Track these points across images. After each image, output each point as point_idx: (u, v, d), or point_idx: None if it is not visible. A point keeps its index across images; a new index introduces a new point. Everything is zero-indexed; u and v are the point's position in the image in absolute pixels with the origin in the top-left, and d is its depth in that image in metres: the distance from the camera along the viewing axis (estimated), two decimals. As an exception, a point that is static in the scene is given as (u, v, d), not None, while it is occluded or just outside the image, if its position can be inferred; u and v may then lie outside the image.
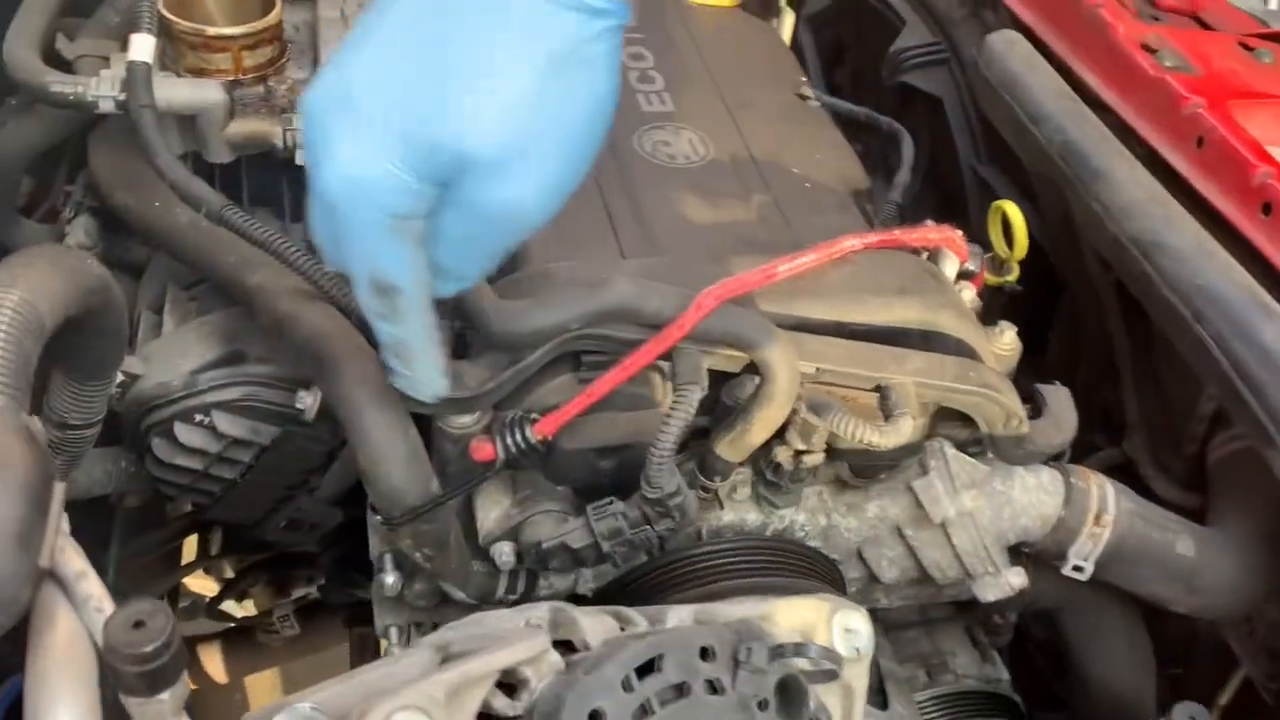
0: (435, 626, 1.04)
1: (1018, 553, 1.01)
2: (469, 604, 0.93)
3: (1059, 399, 0.98)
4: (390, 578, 0.94)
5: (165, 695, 0.61)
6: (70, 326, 0.79)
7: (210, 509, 1.09)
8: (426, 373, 0.73)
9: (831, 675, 0.68)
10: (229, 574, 1.79)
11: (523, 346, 0.81)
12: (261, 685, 2.32)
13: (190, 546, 1.65)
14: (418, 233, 0.65)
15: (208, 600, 1.75)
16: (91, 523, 1.33)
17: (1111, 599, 1.10)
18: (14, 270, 0.73)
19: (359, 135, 0.61)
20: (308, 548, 1.63)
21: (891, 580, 1.02)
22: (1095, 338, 1.30)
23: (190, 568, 1.66)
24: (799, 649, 0.66)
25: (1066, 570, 0.99)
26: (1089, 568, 0.98)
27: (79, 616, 0.67)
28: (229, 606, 1.85)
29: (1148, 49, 1.19)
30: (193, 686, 1.78)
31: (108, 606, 0.67)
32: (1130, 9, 1.27)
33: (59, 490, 0.64)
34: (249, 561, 1.74)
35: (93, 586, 0.68)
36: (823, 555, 0.98)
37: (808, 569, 0.95)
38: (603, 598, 0.95)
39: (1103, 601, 1.10)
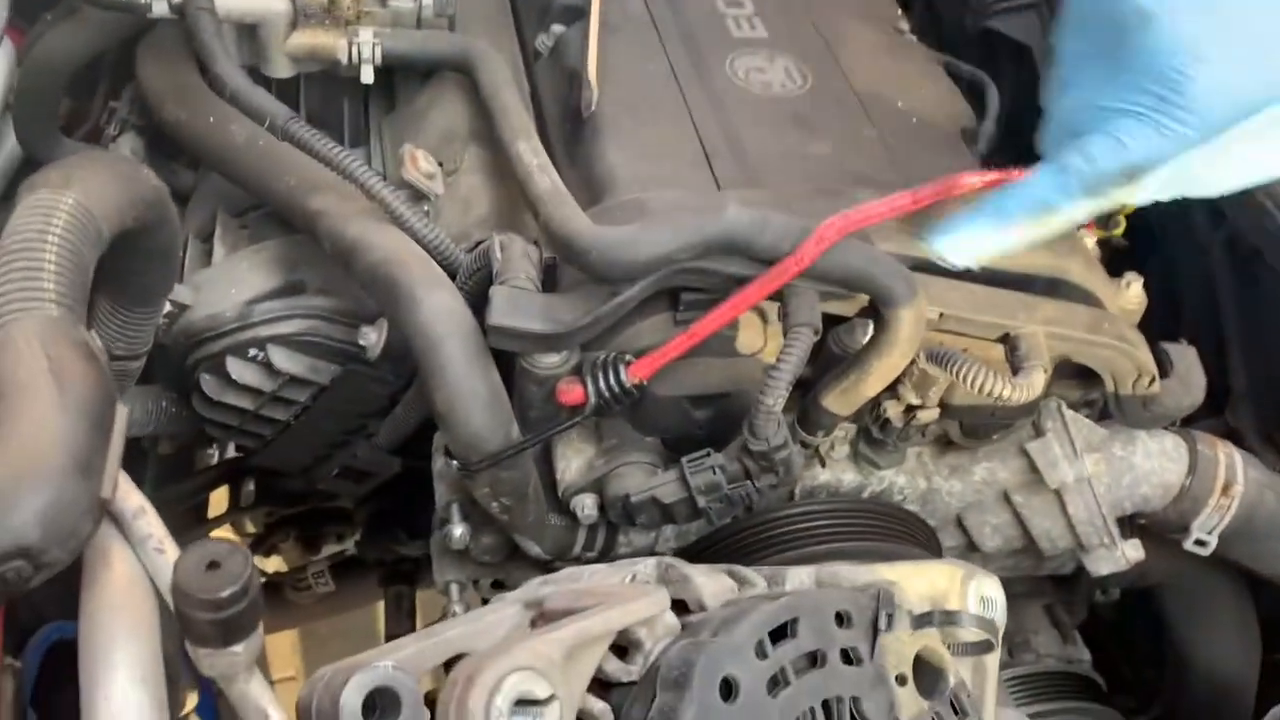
0: (497, 584, 0.98)
1: (1130, 524, 0.94)
2: (544, 560, 0.86)
3: (1187, 359, 0.90)
4: (459, 529, 0.87)
5: (239, 648, 0.54)
6: (123, 242, 0.71)
7: (259, 454, 1.02)
8: None
9: (987, 647, 0.61)
10: (251, 529, 1.73)
11: (623, 279, 0.73)
12: (281, 644, 2.26)
13: (219, 499, 1.59)
14: None
15: (240, 554, 1.69)
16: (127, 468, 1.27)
17: (1223, 578, 1.03)
18: (70, 172, 0.65)
19: None
20: (344, 503, 1.57)
21: (992, 550, 0.94)
22: (1197, 301, 1.22)
23: (220, 520, 1.60)
24: (950, 617, 0.58)
25: (1188, 544, 0.91)
26: (1213, 541, 0.90)
27: (137, 556, 0.60)
28: (256, 561, 1.78)
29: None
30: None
31: (169, 547, 0.60)
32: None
33: (122, 413, 0.56)
34: (279, 516, 1.68)
35: (153, 525, 0.61)
36: (921, 520, 0.91)
37: (906, 534, 0.88)
38: (685, 559, 0.88)
39: (1213, 580, 1.03)
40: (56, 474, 0.51)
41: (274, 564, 1.85)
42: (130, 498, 0.61)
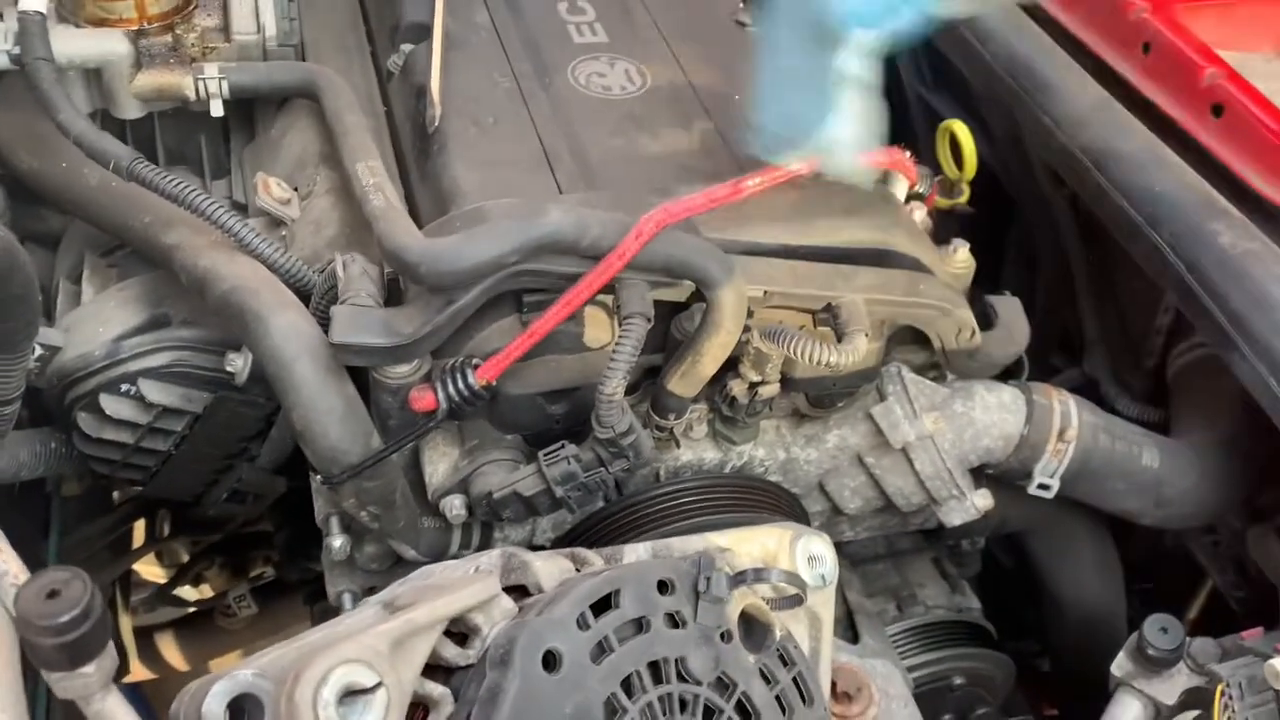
0: (390, 591, 1.01)
1: (981, 475, 0.99)
2: (422, 562, 0.90)
3: (1010, 309, 0.96)
4: (338, 541, 0.90)
5: (90, 668, 0.57)
6: (-27, 293, 0.74)
7: (148, 485, 1.04)
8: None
9: (796, 601, 0.65)
10: (184, 558, 1.74)
11: (456, 286, 0.77)
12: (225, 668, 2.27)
13: (140, 533, 1.60)
14: None
15: (160, 586, 1.70)
16: (29, 510, 1.28)
17: (1078, 517, 1.09)
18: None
19: None
20: (263, 526, 1.59)
21: (855, 511, 0.99)
22: (1050, 258, 1.28)
23: (138, 553, 1.61)
24: (759, 575, 0.63)
25: (1032, 489, 0.97)
26: (1055, 484, 0.96)
27: (-7, 593, 0.63)
28: (185, 592, 1.80)
29: (1089, -42, 1.16)
30: (153, 675, 1.72)
31: (25, 578, 0.63)
32: (1070, -82, 1.24)
33: (-42, 458, 0.59)
34: (203, 544, 1.69)
35: (8, 561, 0.64)
36: (784, 489, 0.96)
37: (770, 504, 0.93)
38: (561, 547, 0.91)
39: (1070, 521, 1.09)
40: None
41: (204, 591, 1.87)
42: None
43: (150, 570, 1.83)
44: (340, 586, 0.97)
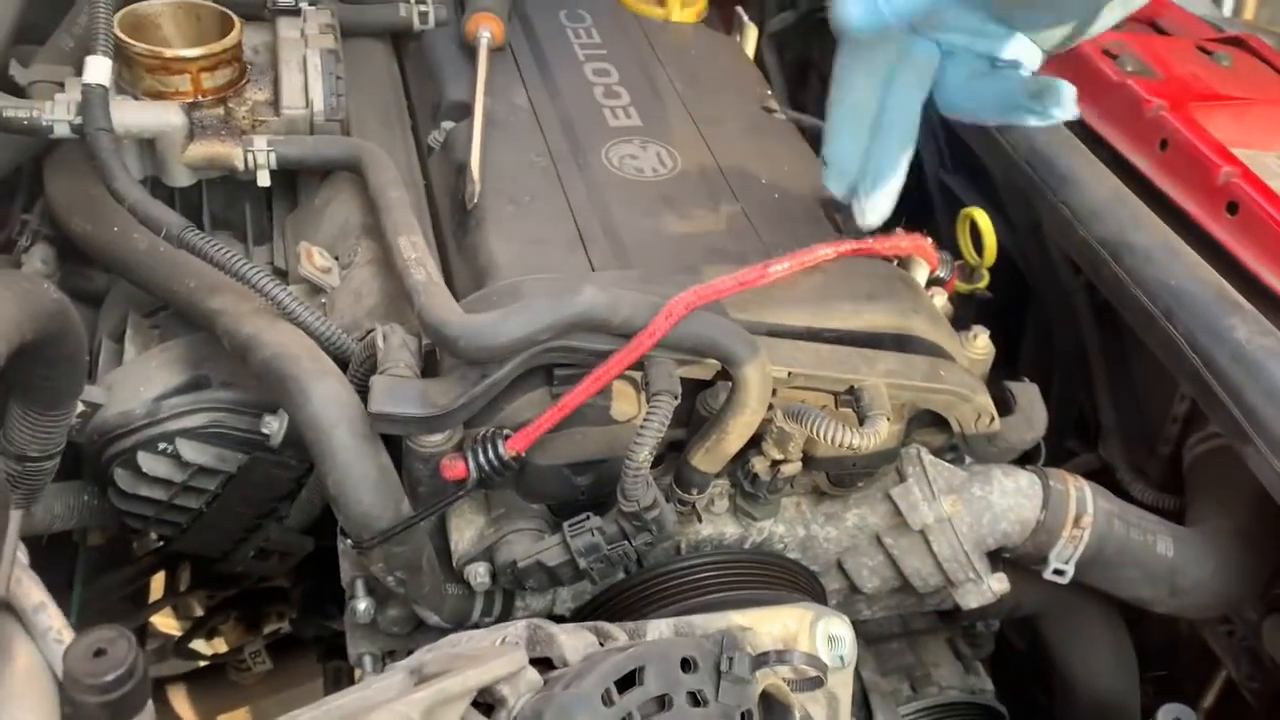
0: (411, 654, 1.02)
1: (998, 559, 1.00)
2: (445, 628, 0.91)
3: (1028, 395, 0.98)
4: (363, 604, 0.92)
5: (129, 727, 0.58)
6: (26, 353, 0.77)
7: (177, 541, 1.06)
8: None
9: (817, 683, 0.66)
10: (198, 613, 1.76)
11: (491, 360, 0.79)
12: (233, 726, 2.27)
13: (158, 584, 1.62)
14: None
15: (176, 639, 1.71)
16: (55, 561, 1.30)
17: (1093, 603, 1.10)
18: (-35, 294, 0.70)
19: None
20: (278, 581, 1.60)
21: (873, 590, 1.00)
22: (1067, 344, 1.31)
23: (157, 606, 1.62)
24: (781, 657, 0.65)
25: (1048, 574, 0.98)
26: (1070, 570, 0.97)
27: (38, 648, 0.65)
28: (198, 645, 1.81)
29: (1109, 55, 1.20)
30: (164, 728, 1.69)
31: (68, 637, 0.65)
32: (1089, 17, 1.28)
33: (15, 518, 0.61)
34: (219, 598, 1.71)
35: (53, 618, 0.65)
36: (803, 567, 0.97)
37: (788, 581, 0.94)
38: (581, 618, 0.93)
39: (1084, 606, 1.10)
40: (-49, 578, 0.56)
41: (217, 645, 1.88)
42: (32, 594, 0.66)
43: (165, 622, 1.84)
44: (361, 649, 0.99)
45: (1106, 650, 1.12)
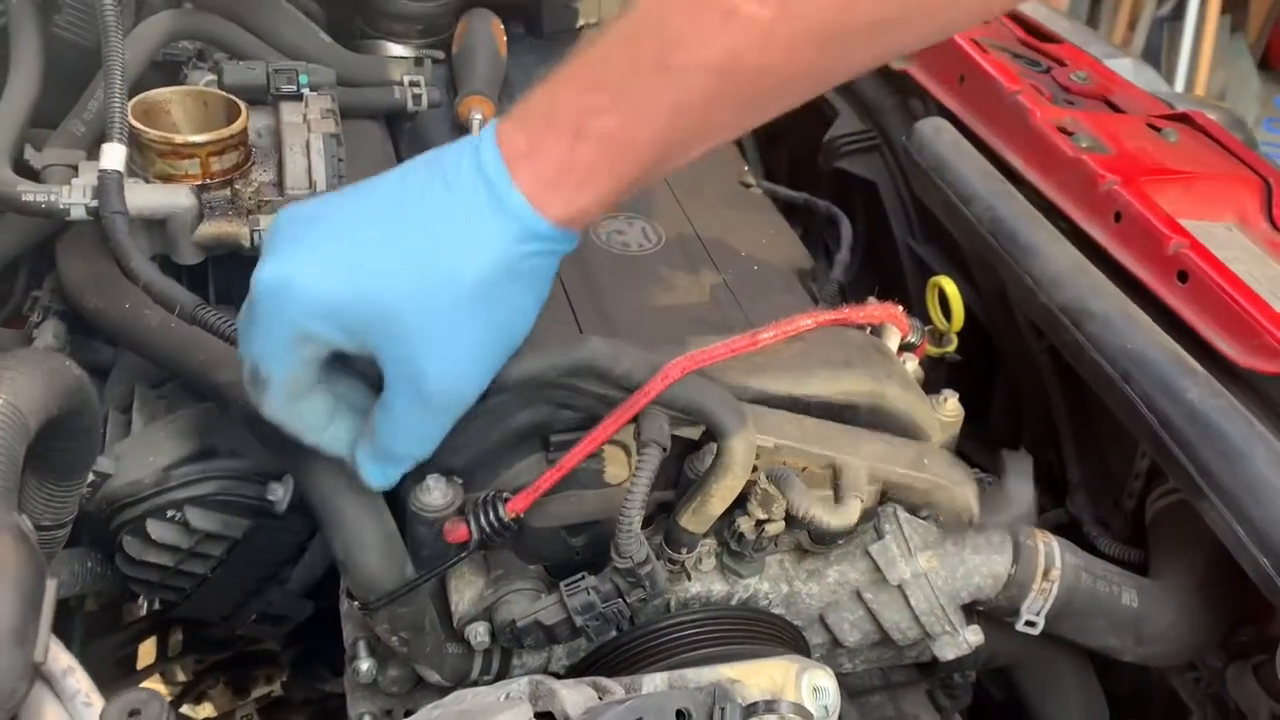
0: (408, 713, 1.06)
1: (973, 611, 1.05)
2: (445, 687, 0.95)
3: (1019, 469, 1.02)
4: (365, 664, 0.95)
5: (159, 785, 0.62)
6: (49, 427, 0.81)
7: (181, 605, 1.09)
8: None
9: (804, 732, 0.71)
10: (181, 678, 1.77)
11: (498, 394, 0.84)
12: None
13: (145, 650, 1.63)
14: (312, 358, 0.76)
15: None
16: (59, 629, 1.32)
17: (1064, 653, 1.14)
18: (1, 373, 0.75)
19: (312, 250, 0.73)
20: (268, 645, 1.62)
21: (854, 644, 1.05)
22: (1034, 404, 1.37)
23: (149, 671, 1.64)
24: (770, 706, 0.69)
25: (1020, 626, 1.03)
26: (1041, 622, 1.02)
27: (67, 711, 0.68)
28: (187, 710, 1.81)
29: (1064, 131, 1.28)
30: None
31: (96, 700, 0.68)
32: (1046, 95, 1.37)
33: (51, 586, 0.65)
34: (208, 662, 1.72)
35: (80, 681, 0.69)
36: (787, 622, 1.01)
37: (773, 636, 0.99)
38: (576, 675, 0.96)
39: (1056, 656, 1.14)
40: (-6, 645, 0.59)
41: (205, 710, 1.89)
42: (60, 658, 0.69)
43: (155, 687, 1.85)
44: (362, 709, 1.01)
45: (1078, 698, 1.16)
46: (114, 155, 0.97)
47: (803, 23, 0.70)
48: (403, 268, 0.73)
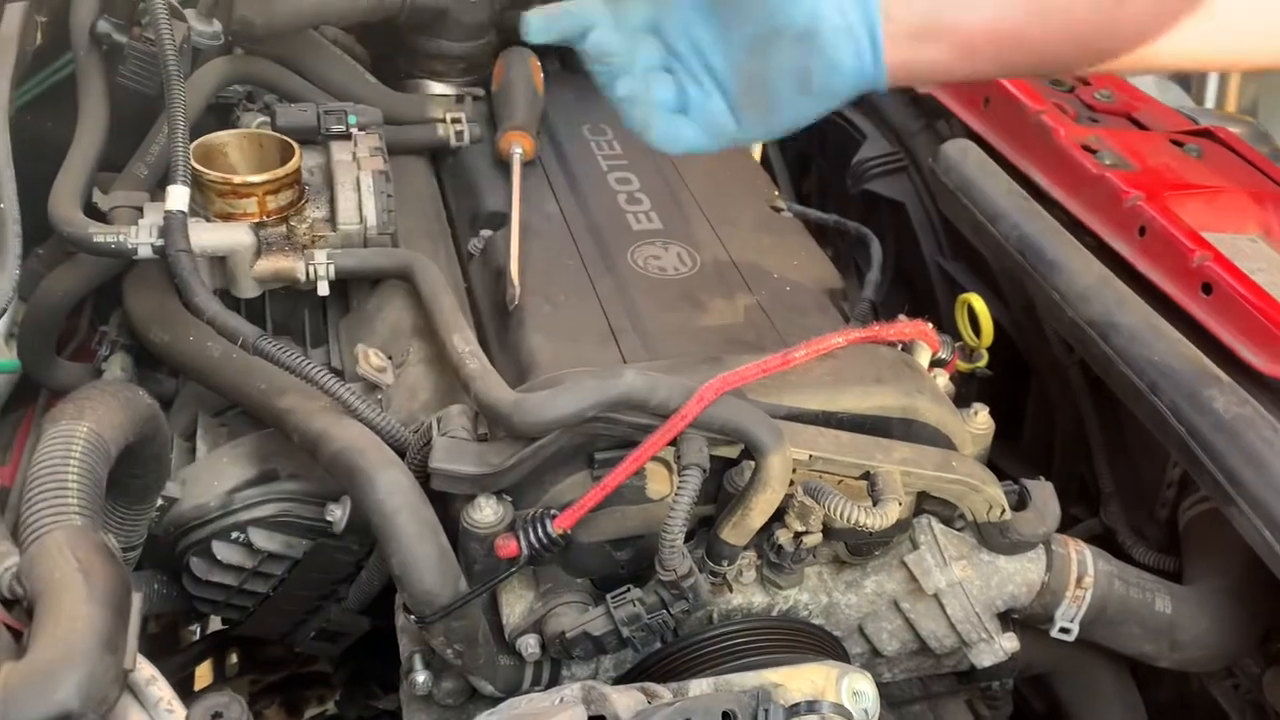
0: (467, 723, 1.09)
1: (1008, 619, 1.08)
2: (498, 697, 0.99)
3: (1043, 492, 1.04)
4: (421, 676, 0.99)
5: (239, 783, 0.66)
6: (125, 454, 0.86)
7: (243, 623, 1.14)
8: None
9: (844, 731, 0.74)
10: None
11: (541, 435, 0.89)
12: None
13: (204, 671, 1.68)
14: None
15: (224, 724, 1.77)
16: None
17: (1101, 660, 1.16)
18: (82, 404, 0.80)
19: None
20: (323, 666, 1.67)
21: (893, 653, 1.08)
22: (1066, 416, 1.39)
23: (206, 692, 1.69)
24: (811, 707, 0.72)
25: (1054, 632, 1.05)
26: (1075, 629, 1.04)
27: (151, 717, 0.73)
28: (243, 730, 1.86)
29: (1089, 149, 1.31)
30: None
31: (178, 708, 0.73)
32: (1070, 113, 1.40)
33: (138, 599, 0.70)
34: (264, 683, 1.77)
35: (162, 690, 0.74)
36: (827, 632, 1.04)
37: (813, 646, 1.01)
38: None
39: (1093, 663, 1.16)
40: (90, 653, 0.64)
41: (260, 732, 1.94)
42: (143, 668, 0.74)
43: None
44: (417, 719, 1.06)
45: (1116, 706, 1.18)
46: (178, 197, 1.03)
47: None
48: None
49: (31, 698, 0.62)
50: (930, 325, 1.11)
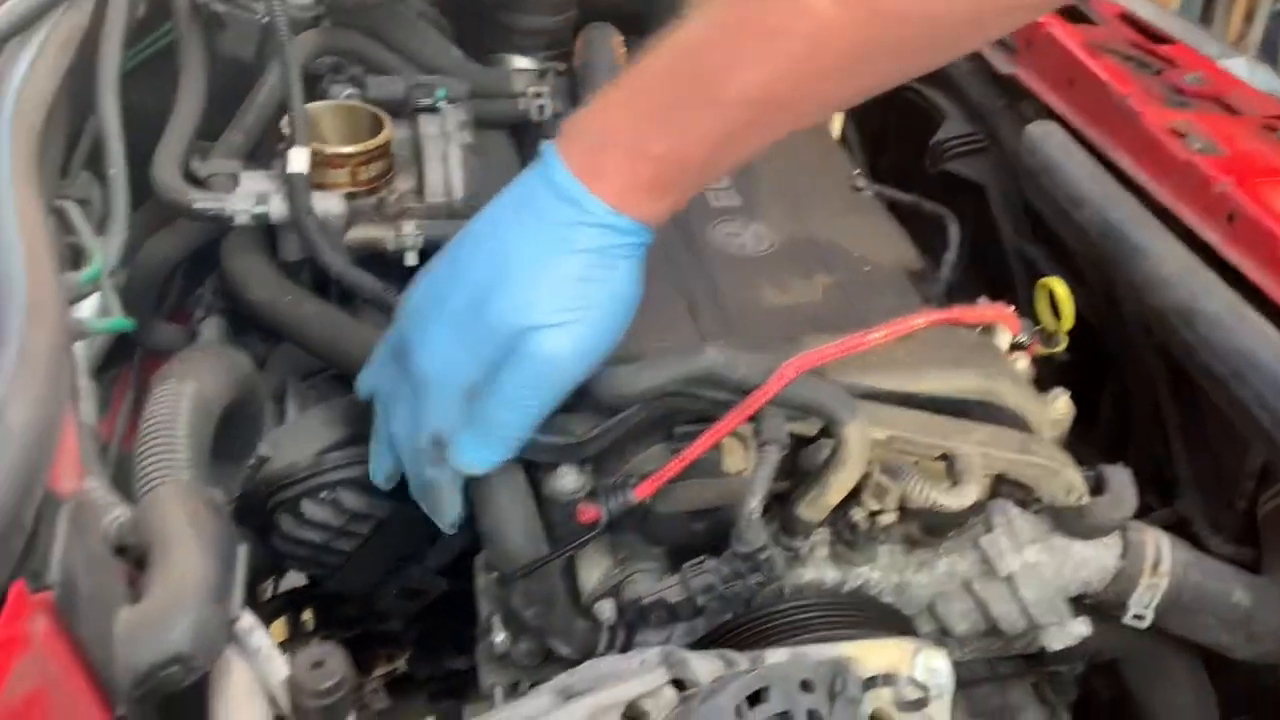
0: (535, 684, 1.13)
1: (1080, 604, 1.08)
2: (573, 659, 1.01)
3: (1120, 478, 1.04)
4: (499, 636, 1.02)
5: (337, 729, 0.70)
6: (225, 413, 0.90)
7: (327, 580, 1.18)
8: (449, 510, 0.93)
9: (920, 704, 0.75)
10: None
11: (625, 406, 0.91)
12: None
13: (278, 629, 1.74)
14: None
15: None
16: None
17: (1173, 649, 1.16)
18: (188, 366, 0.84)
19: (452, 329, 0.84)
20: (393, 626, 1.72)
21: (962, 633, 1.08)
22: (1144, 403, 1.38)
23: (284, 647, 1.74)
24: (888, 679, 0.74)
25: (1127, 619, 1.05)
26: (1149, 616, 1.04)
27: (251, 665, 0.76)
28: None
29: (1176, 133, 1.29)
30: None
31: (277, 656, 0.77)
32: (1158, 96, 1.38)
33: (243, 551, 0.74)
34: (335, 641, 1.82)
35: (262, 639, 0.77)
36: (897, 610, 1.05)
37: (884, 622, 1.03)
38: (695, 652, 1.02)
39: (1165, 651, 1.16)
40: (199, 599, 0.68)
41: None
42: (245, 618, 0.78)
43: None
44: (492, 679, 1.09)
45: (1187, 695, 1.18)
46: (299, 159, 1.07)
47: (833, 54, 0.75)
48: (523, 289, 0.83)
49: (147, 640, 0.66)
50: (1011, 308, 1.11)
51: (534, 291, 0.82)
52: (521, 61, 1.49)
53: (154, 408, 0.80)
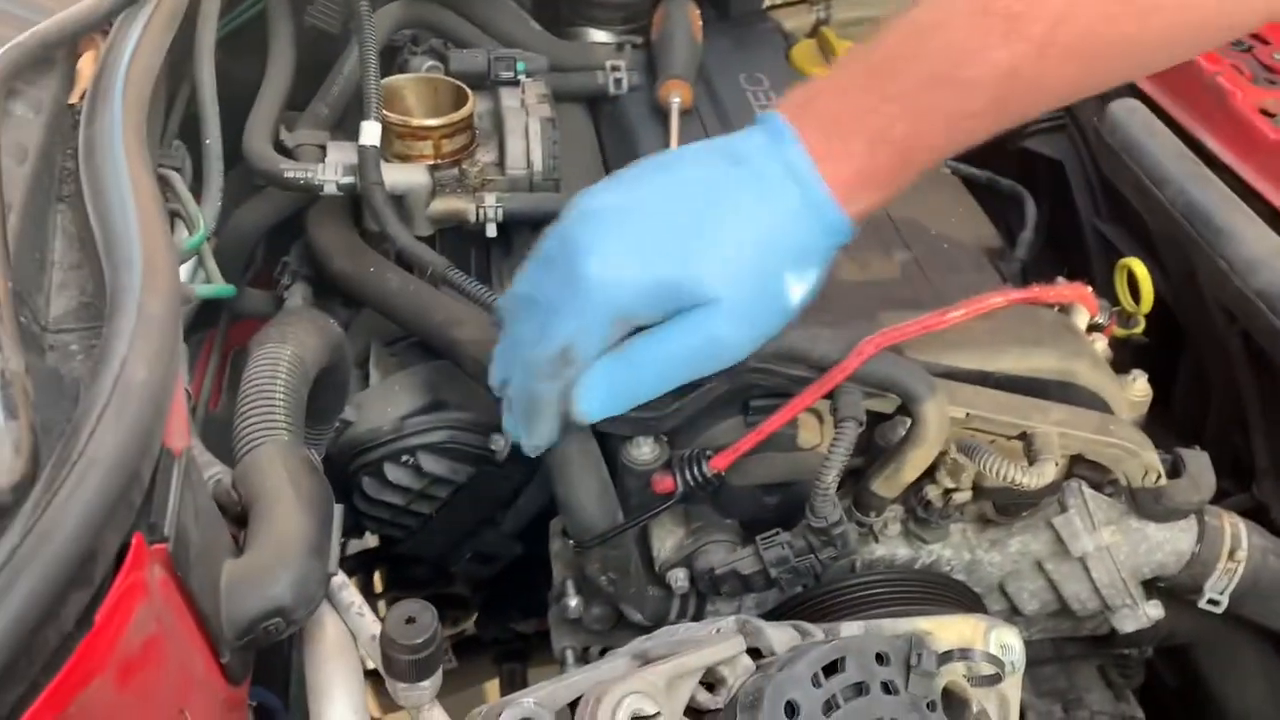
0: (604, 650, 1.15)
1: (1153, 587, 1.07)
2: (645, 626, 1.03)
3: (1198, 462, 1.03)
4: (573, 601, 1.05)
5: (426, 684, 0.73)
6: (316, 377, 0.93)
7: (405, 542, 1.22)
8: (541, 431, 0.87)
9: (995, 679, 0.76)
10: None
11: (706, 381, 0.92)
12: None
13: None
14: (620, 333, 0.81)
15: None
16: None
17: (1246, 635, 1.15)
18: (285, 330, 0.87)
19: (632, 245, 0.78)
20: (460, 590, 1.76)
21: (1032, 612, 1.08)
22: (1222, 387, 1.36)
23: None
24: (963, 654, 0.74)
25: (1202, 603, 1.04)
26: (1225, 601, 1.04)
27: (343, 619, 0.80)
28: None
29: (1266, 113, 1.26)
30: None
31: (366, 612, 0.80)
32: (1247, 75, 1.34)
33: (339, 510, 0.76)
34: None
35: (353, 595, 0.81)
36: (967, 588, 1.06)
37: (954, 600, 1.03)
38: (765, 623, 1.04)
39: (1238, 637, 1.15)
40: (301, 555, 0.71)
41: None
42: (337, 575, 0.81)
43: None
44: (565, 643, 1.12)
45: (1260, 682, 1.17)
46: (371, 132, 1.09)
47: (1074, 37, 0.75)
48: (725, 255, 0.79)
49: (250, 593, 0.69)
50: (1089, 288, 1.10)
51: (738, 270, 0.78)
52: (599, 35, 1.50)
53: (254, 369, 0.83)
